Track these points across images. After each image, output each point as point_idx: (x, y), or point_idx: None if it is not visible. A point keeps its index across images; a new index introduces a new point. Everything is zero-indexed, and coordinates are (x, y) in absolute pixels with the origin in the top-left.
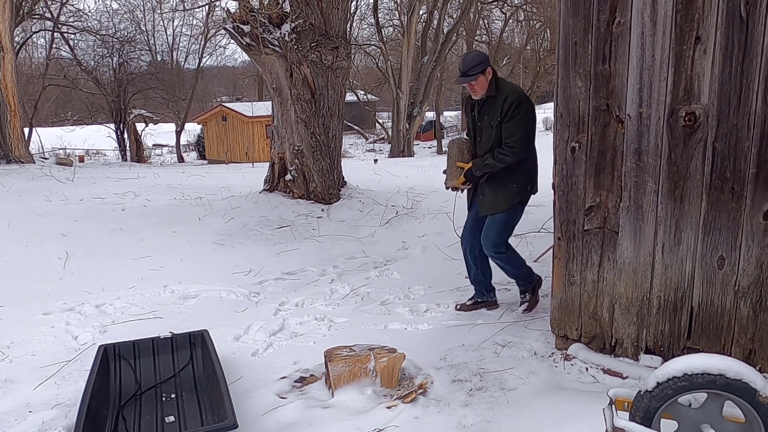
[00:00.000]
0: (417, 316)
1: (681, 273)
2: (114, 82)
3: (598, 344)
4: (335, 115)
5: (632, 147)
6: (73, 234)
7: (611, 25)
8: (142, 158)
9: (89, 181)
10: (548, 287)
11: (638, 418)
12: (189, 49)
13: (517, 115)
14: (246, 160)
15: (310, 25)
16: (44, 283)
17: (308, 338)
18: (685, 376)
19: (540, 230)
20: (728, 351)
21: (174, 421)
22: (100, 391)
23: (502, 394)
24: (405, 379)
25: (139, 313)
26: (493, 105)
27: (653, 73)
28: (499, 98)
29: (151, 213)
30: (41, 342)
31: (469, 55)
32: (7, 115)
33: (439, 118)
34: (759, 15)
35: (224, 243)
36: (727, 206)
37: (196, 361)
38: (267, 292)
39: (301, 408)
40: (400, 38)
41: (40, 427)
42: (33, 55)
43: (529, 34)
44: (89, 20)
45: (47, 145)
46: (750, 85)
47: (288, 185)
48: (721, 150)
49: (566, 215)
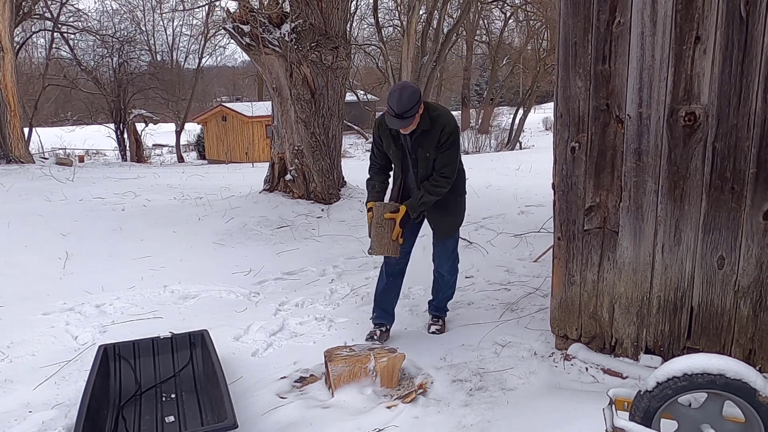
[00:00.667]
0: (417, 316)
1: (681, 273)
2: (114, 82)
3: (598, 344)
4: (335, 115)
5: (632, 147)
6: (73, 234)
7: (611, 25)
8: (142, 158)
9: (89, 181)
10: (548, 287)
11: (638, 418)
12: (189, 49)
13: (453, 144)
14: (246, 160)
15: (310, 25)
16: (44, 283)
17: (308, 338)
18: (685, 376)
19: (540, 230)
20: (728, 351)
21: (174, 421)
22: (100, 391)
23: (502, 394)
24: (405, 379)
25: (139, 313)
26: (428, 137)
27: (653, 73)
28: (435, 130)
29: (151, 213)
30: (41, 342)
31: (403, 95)
32: (7, 115)
33: None
34: (759, 15)
35: (224, 243)
36: (727, 206)
37: (196, 361)
38: (267, 292)
39: (301, 408)
40: (400, 38)
41: (40, 427)
42: (33, 55)
43: (529, 34)
44: (89, 20)
45: (47, 145)
46: (750, 85)
47: (288, 185)
48: (721, 150)
49: (566, 215)
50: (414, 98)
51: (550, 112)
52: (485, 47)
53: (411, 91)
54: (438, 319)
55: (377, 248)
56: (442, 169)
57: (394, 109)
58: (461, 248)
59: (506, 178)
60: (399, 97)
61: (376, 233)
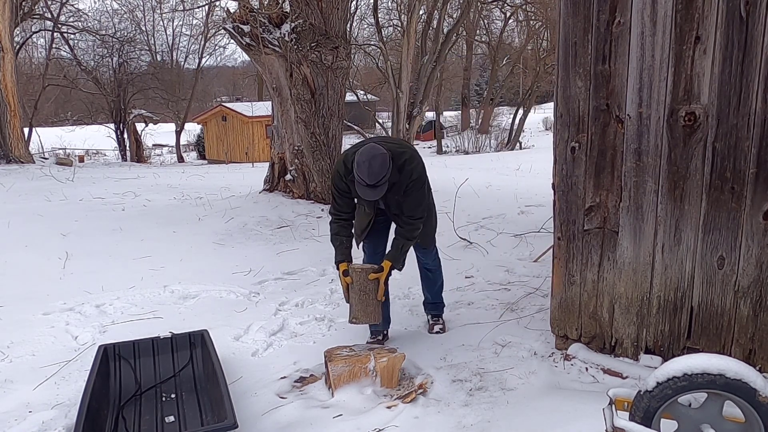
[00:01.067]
0: (417, 316)
1: (681, 273)
2: (114, 82)
3: (598, 344)
4: (335, 115)
5: (632, 147)
6: (73, 234)
7: (611, 25)
8: (142, 158)
9: (89, 181)
10: (548, 287)
11: (638, 418)
12: (189, 49)
13: (420, 187)
14: (246, 160)
15: (310, 25)
16: (44, 283)
17: (308, 338)
18: (685, 376)
19: (540, 230)
20: (728, 351)
21: (174, 421)
22: (100, 391)
23: (502, 394)
24: (405, 379)
25: (139, 313)
26: (396, 184)
27: (653, 73)
28: (403, 177)
29: (151, 213)
30: (41, 342)
31: (374, 165)
32: (7, 115)
33: (439, 118)
34: (759, 15)
35: (224, 243)
36: (727, 206)
37: (196, 361)
38: (267, 292)
39: (301, 408)
40: (400, 38)
41: (40, 427)
42: (33, 55)
43: (529, 34)
44: (89, 20)
45: (47, 145)
46: (750, 85)
47: (288, 185)
48: (721, 150)
49: (566, 215)
50: (385, 165)
51: (550, 112)
52: (485, 47)
53: (381, 160)
54: (438, 318)
55: (362, 316)
56: (412, 212)
57: (365, 180)
58: (461, 248)
59: (506, 178)
60: (369, 167)
61: (359, 300)
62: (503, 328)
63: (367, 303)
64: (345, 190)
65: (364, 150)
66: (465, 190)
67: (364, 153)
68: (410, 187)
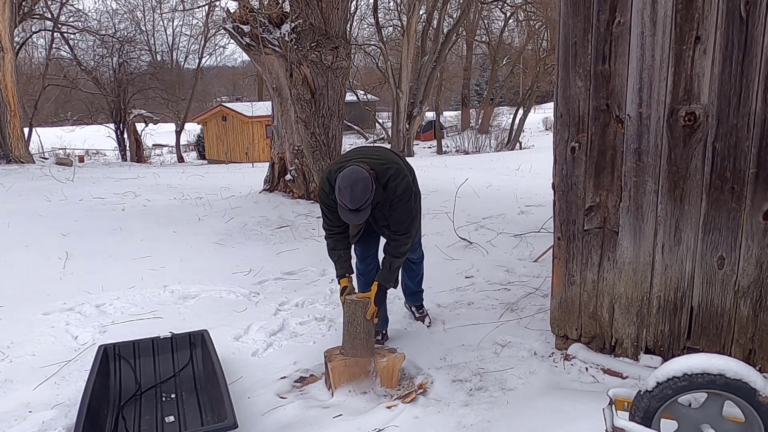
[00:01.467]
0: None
1: (681, 273)
2: (114, 82)
3: (598, 344)
4: (335, 115)
5: (632, 147)
6: (73, 234)
7: (611, 25)
8: (142, 158)
9: (89, 181)
10: (548, 287)
11: (638, 418)
12: (189, 49)
13: (406, 201)
14: (246, 160)
15: (310, 25)
16: (44, 283)
17: (308, 338)
18: (684, 376)
19: (540, 230)
20: (728, 351)
21: (174, 421)
22: (100, 391)
23: (502, 394)
24: (405, 379)
25: (139, 313)
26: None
27: (653, 73)
28: (387, 194)
29: (150, 213)
30: (41, 342)
31: (356, 190)
32: (7, 115)
33: (439, 118)
34: (759, 15)
35: (224, 243)
36: (727, 206)
37: (196, 361)
38: (267, 292)
39: (301, 408)
40: (400, 38)
41: (40, 427)
42: (33, 55)
43: (529, 34)
44: (89, 20)
45: (47, 145)
46: (750, 85)
47: (288, 185)
48: (721, 150)
49: (566, 215)
50: (367, 189)
51: (550, 112)
52: (485, 47)
53: (363, 185)
54: (422, 309)
55: (349, 349)
56: (398, 226)
57: (348, 205)
58: (461, 248)
59: (506, 178)
60: (351, 192)
61: (347, 332)
62: (503, 328)
63: (355, 336)
64: (333, 206)
65: (345, 174)
66: (465, 190)
67: (346, 177)
68: (395, 203)
